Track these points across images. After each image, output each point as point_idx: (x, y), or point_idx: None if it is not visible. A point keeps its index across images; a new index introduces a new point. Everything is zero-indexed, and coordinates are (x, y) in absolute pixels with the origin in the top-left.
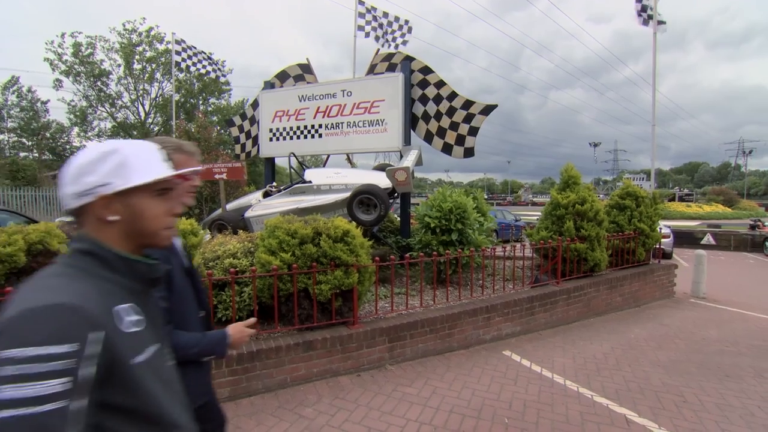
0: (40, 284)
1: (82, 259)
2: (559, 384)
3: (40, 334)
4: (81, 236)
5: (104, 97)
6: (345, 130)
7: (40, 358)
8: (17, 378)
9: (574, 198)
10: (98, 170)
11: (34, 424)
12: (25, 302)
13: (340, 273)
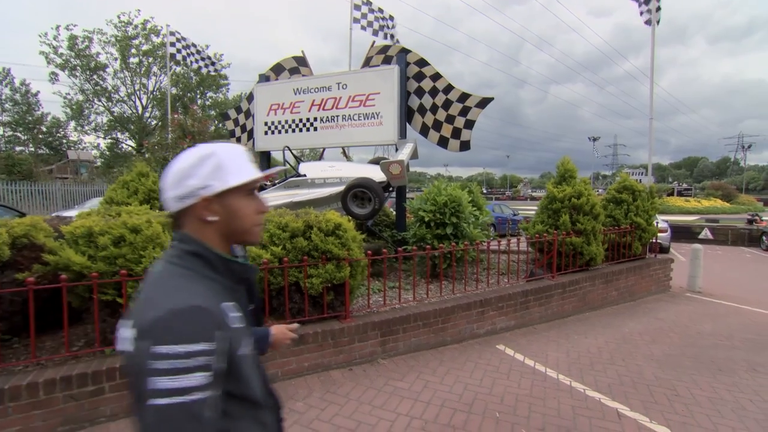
0: (170, 285)
1: (191, 260)
2: (552, 378)
3: (186, 333)
4: (184, 237)
5: (100, 91)
6: (340, 123)
7: (188, 354)
8: (170, 371)
9: (570, 191)
10: (198, 173)
11: (187, 411)
12: (167, 303)
13: (331, 267)
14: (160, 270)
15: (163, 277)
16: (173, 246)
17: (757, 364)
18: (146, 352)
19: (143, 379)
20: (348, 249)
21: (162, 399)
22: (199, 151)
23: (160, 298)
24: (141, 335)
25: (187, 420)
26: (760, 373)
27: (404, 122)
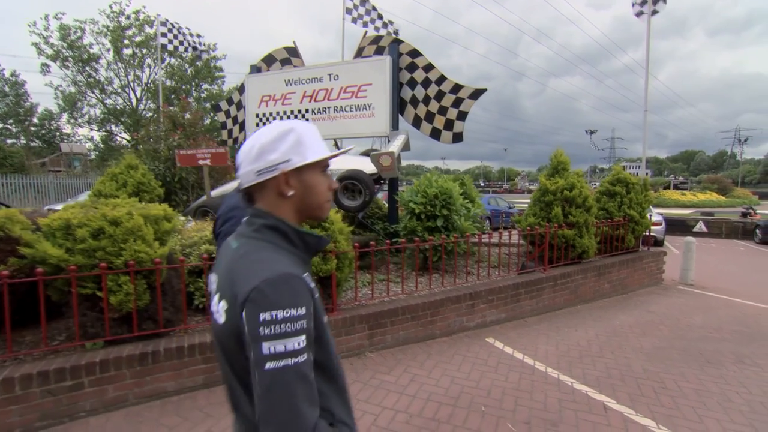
0: (258, 257)
1: (269, 233)
2: (540, 371)
3: (285, 299)
4: (260, 212)
5: (93, 83)
6: (332, 114)
7: (291, 318)
8: (277, 336)
9: (562, 184)
10: (279, 148)
11: (297, 372)
12: (262, 273)
13: (317, 259)
14: (240, 244)
15: (247, 251)
16: (248, 221)
17: (744, 356)
18: (253, 320)
19: (254, 346)
20: (335, 241)
21: (272, 362)
22: (279, 126)
23: (254, 269)
24: (242, 305)
25: (298, 380)
26: (746, 365)
27: (396, 114)
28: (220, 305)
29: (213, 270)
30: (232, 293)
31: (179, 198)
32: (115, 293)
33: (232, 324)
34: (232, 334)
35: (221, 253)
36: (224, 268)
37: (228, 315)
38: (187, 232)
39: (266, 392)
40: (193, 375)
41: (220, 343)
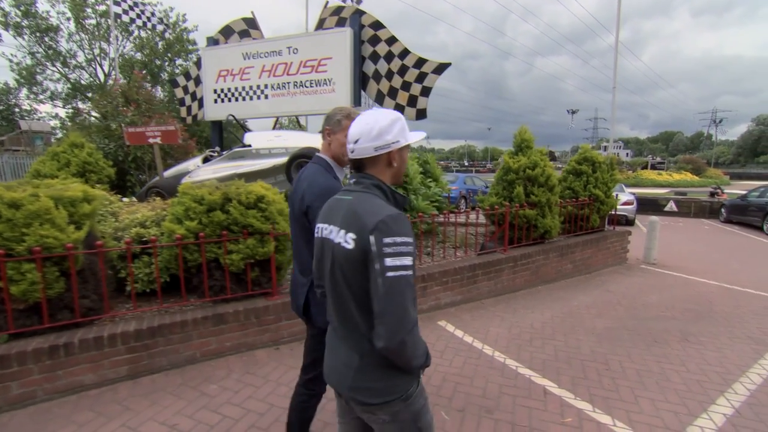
0: (374, 203)
1: (376, 190)
2: (487, 355)
3: (401, 229)
4: (368, 176)
5: (54, 55)
6: (292, 90)
7: (404, 243)
8: (395, 254)
9: (524, 162)
10: (392, 131)
11: (407, 281)
12: (382, 211)
13: (253, 242)
14: (355, 196)
15: (364, 199)
16: (357, 182)
17: (689, 334)
18: (379, 242)
19: (378, 260)
20: (273, 222)
21: (392, 272)
22: (390, 114)
23: (375, 209)
24: (371, 232)
25: (407, 286)
26: (690, 343)
27: (359, 89)
28: (348, 236)
29: (323, 220)
30: (359, 226)
31: (135, 178)
32: (17, 282)
33: (359, 247)
34: (358, 256)
35: (331, 205)
36: (346, 210)
37: (356, 241)
38: (123, 215)
39: (386, 294)
40: (116, 366)
41: (342, 267)
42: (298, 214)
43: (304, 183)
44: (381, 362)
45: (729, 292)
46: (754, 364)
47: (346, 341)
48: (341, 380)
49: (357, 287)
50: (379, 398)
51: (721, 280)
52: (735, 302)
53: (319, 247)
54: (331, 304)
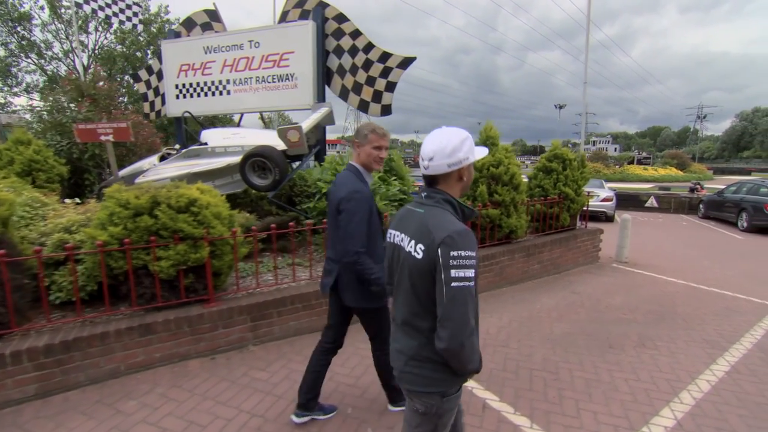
0: (444, 218)
1: (445, 205)
2: None
3: (467, 244)
4: (439, 191)
5: (28, 46)
6: (254, 86)
7: (468, 257)
8: (460, 266)
9: (488, 160)
10: (463, 148)
11: (469, 291)
12: (451, 227)
13: (184, 247)
14: (426, 210)
15: (435, 213)
16: (430, 196)
17: (647, 338)
18: (446, 255)
19: (445, 272)
20: (209, 227)
21: (456, 283)
22: (460, 132)
23: (444, 224)
24: (439, 246)
25: (469, 297)
26: (647, 348)
27: (323, 85)
28: (419, 246)
29: (396, 227)
30: (429, 239)
31: (93, 177)
32: None
33: (428, 258)
34: (426, 265)
35: (404, 215)
36: (418, 223)
37: (425, 252)
38: (49, 219)
39: (449, 301)
40: (22, 385)
41: (411, 273)
42: (333, 210)
43: (338, 185)
44: (431, 357)
45: (695, 292)
46: (705, 370)
47: (407, 332)
48: (396, 364)
49: (422, 291)
50: (421, 387)
51: (690, 278)
52: (698, 303)
53: (391, 251)
54: (399, 300)
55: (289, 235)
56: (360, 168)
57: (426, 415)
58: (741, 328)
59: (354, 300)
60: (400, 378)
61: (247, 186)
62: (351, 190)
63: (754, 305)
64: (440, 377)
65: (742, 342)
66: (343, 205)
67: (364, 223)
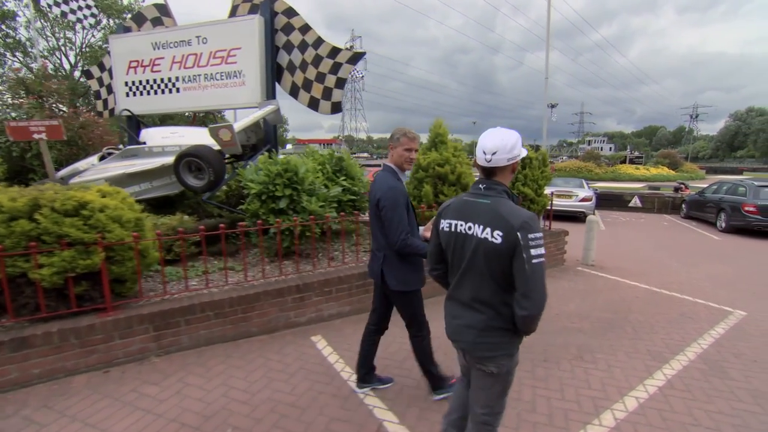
0: (512, 206)
1: (504, 194)
2: (340, 380)
3: (538, 227)
4: (498, 182)
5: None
6: (203, 83)
7: (540, 237)
8: (536, 246)
9: (434, 158)
10: (518, 146)
11: (543, 264)
12: (523, 214)
13: (71, 253)
14: (493, 200)
15: (502, 202)
16: (490, 188)
17: (588, 350)
18: (525, 238)
19: (525, 251)
20: (104, 231)
21: (536, 259)
22: (514, 133)
23: (516, 212)
24: (519, 230)
25: (544, 269)
26: (583, 362)
27: (272, 82)
28: (496, 233)
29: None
30: (507, 225)
31: (38, 177)
32: None
33: (508, 242)
34: (506, 248)
35: (463, 206)
36: (489, 211)
37: (504, 237)
38: None
39: (532, 275)
40: None
41: (488, 255)
42: (374, 206)
43: (377, 184)
44: (500, 326)
45: (654, 297)
46: (638, 386)
47: (476, 308)
48: (465, 337)
49: (498, 271)
50: (493, 352)
51: (654, 282)
52: (655, 309)
53: (451, 239)
54: (465, 282)
55: (231, 237)
56: (395, 167)
57: (499, 375)
58: (690, 337)
59: (396, 284)
60: (474, 348)
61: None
62: (387, 187)
63: (711, 311)
64: (507, 341)
65: (686, 353)
66: (382, 202)
67: (403, 213)
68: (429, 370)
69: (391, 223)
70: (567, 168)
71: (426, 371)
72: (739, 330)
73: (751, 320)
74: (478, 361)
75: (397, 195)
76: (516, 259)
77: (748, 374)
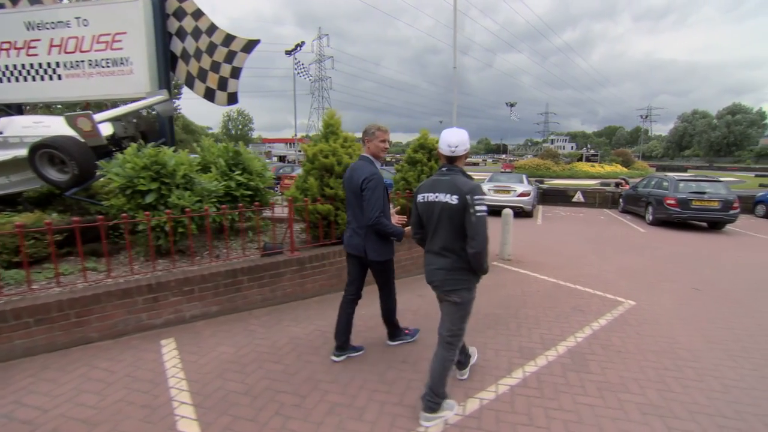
0: (465, 179)
1: (460, 173)
2: (164, 388)
3: (482, 192)
4: (453, 167)
5: None
6: (87, 70)
7: (483, 199)
8: (479, 203)
9: (321, 148)
10: (467, 141)
11: (485, 217)
12: (471, 183)
13: None
14: (452, 176)
15: (457, 178)
16: (450, 170)
17: None
18: (471, 199)
19: (471, 207)
20: None
21: (479, 213)
22: (465, 131)
23: (466, 182)
24: (465, 195)
25: (486, 220)
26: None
27: (165, 70)
28: (453, 197)
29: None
30: (460, 191)
31: None
32: None
33: (461, 202)
34: (460, 207)
35: (433, 182)
36: (449, 184)
37: (459, 199)
38: None
39: (476, 223)
40: None
41: (450, 213)
42: (355, 189)
43: (357, 171)
44: (462, 267)
45: (556, 291)
46: (490, 386)
47: (444, 255)
48: (437, 277)
49: (457, 224)
50: (456, 286)
51: (563, 276)
52: (551, 303)
53: (424, 208)
54: (436, 236)
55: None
56: (371, 157)
57: (461, 304)
58: (571, 330)
59: (375, 255)
60: (443, 284)
61: (43, 181)
62: (369, 173)
63: (605, 302)
64: (466, 278)
65: (558, 347)
66: (364, 184)
67: (380, 195)
68: (392, 322)
69: (370, 202)
70: (526, 165)
71: (390, 323)
72: (620, 321)
73: (636, 310)
74: (446, 294)
75: (379, 179)
76: (466, 213)
77: (607, 366)
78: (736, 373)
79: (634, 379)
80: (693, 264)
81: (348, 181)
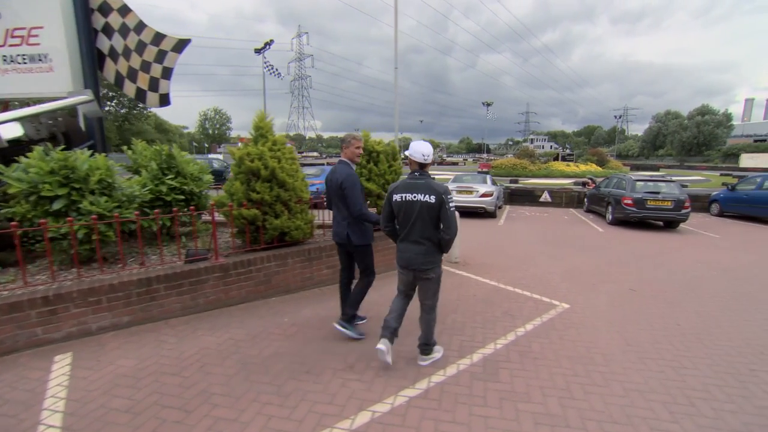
0: (436, 182)
1: (429, 177)
2: (35, 410)
3: (450, 193)
4: (425, 171)
5: None
6: (2, 66)
7: (452, 198)
8: (450, 202)
9: (248, 152)
10: (430, 152)
11: (455, 212)
12: (443, 186)
13: None
14: (426, 180)
15: (430, 181)
16: (423, 175)
17: (367, 358)
18: (445, 198)
19: (445, 205)
20: None
21: (450, 209)
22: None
23: (439, 185)
24: (441, 195)
25: (455, 214)
26: (353, 372)
27: (91, 69)
28: (431, 197)
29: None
30: (436, 192)
31: None
32: None
33: (437, 201)
34: (436, 204)
35: (409, 184)
36: (425, 186)
37: (435, 199)
38: None
39: (450, 217)
40: None
41: (428, 210)
42: (336, 188)
43: (338, 173)
44: (434, 251)
45: (495, 295)
46: (388, 397)
47: (420, 243)
48: (415, 261)
49: (434, 218)
50: (430, 266)
51: (506, 279)
52: (485, 307)
53: (401, 205)
54: (414, 229)
55: None
56: (347, 161)
57: (435, 278)
58: (494, 336)
59: (358, 240)
60: (421, 266)
61: None
62: (347, 174)
63: (538, 306)
64: (437, 259)
65: (474, 355)
66: (344, 183)
67: (360, 192)
68: (353, 306)
69: (352, 198)
70: (503, 165)
71: (351, 306)
72: (547, 326)
73: (567, 314)
74: (423, 273)
75: (355, 178)
76: (441, 209)
77: (518, 375)
78: (641, 376)
79: (540, 387)
80: (638, 264)
81: (329, 182)
